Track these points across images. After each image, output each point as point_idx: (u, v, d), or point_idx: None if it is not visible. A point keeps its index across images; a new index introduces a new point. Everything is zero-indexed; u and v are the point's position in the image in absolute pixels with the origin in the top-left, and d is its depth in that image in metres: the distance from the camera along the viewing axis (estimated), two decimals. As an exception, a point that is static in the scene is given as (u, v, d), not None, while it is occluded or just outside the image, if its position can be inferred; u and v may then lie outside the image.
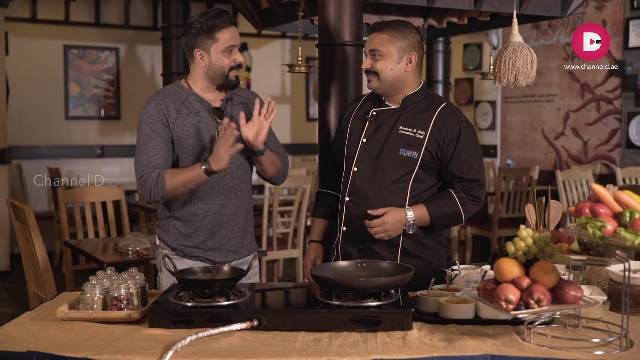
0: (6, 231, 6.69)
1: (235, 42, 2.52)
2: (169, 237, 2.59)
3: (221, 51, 2.50)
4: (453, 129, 2.53)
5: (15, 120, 7.61)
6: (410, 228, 2.49)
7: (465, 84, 8.90)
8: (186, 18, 5.56)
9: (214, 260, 2.56)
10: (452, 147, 2.52)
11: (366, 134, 2.61)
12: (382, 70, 2.53)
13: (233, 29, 2.52)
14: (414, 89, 2.60)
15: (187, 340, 1.83)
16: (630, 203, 1.82)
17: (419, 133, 2.53)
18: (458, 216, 2.53)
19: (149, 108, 2.52)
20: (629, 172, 6.55)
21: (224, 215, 2.56)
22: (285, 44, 9.11)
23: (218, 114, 2.54)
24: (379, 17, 4.56)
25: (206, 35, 2.49)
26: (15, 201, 3.47)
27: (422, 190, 2.55)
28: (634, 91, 6.99)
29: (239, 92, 2.66)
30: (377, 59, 2.54)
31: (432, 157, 2.53)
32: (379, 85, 2.56)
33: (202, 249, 2.57)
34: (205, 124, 2.53)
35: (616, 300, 2.14)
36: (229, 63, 2.51)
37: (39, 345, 1.85)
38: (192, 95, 2.56)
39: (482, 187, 2.55)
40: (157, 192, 2.42)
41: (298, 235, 5.55)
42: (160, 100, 2.54)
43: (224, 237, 2.58)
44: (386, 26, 2.56)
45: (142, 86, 8.28)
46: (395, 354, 1.78)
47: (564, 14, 4.29)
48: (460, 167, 2.52)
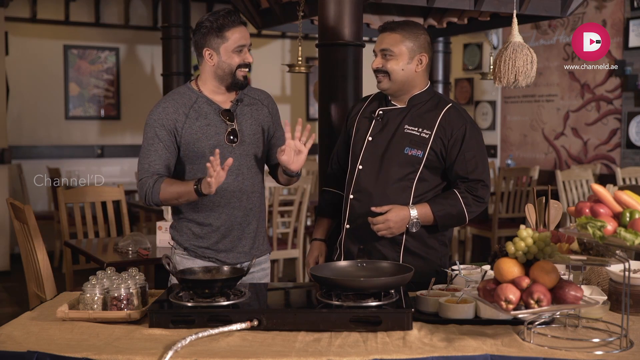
0: (6, 231, 6.69)
1: (245, 42, 2.51)
2: (182, 238, 2.59)
3: (231, 50, 2.49)
4: (459, 129, 2.53)
5: (15, 120, 7.61)
6: (414, 226, 2.49)
7: (465, 84, 8.90)
8: (186, 18, 5.56)
9: (226, 262, 2.55)
10: (457, 147, 2.52)
11: (372, 132, 2.62)
12: (393, 70, 2.53)
13: (243, 29, 2.51)
14: (421, 89, 2.61)
15: (187, 340, 1.83)
16: (630, 203, 1.82)
17: (424, 132, 2.54)
18: (461, 216, 2.53)
19: (156, 111, 2.52)
20: (629, 172, 6.55)
21: (235, 217, 2.55)
22: (285, 44, 9.11)
23: (228, 116, 2.53)
24: (379, 17, 4.56)
25: (215, 35, 2.48)
26: (15, 201, 3.47)
27: (426, 190, 2.56)
28: (634, 91, 6.99)
29: (249, 92, 2.65)
30: (388, 58, 2.54)
31: (437, 157, 2.53)
32: (389, 86, 2.57)
33: (214, 250, 2.56)
34: (214, 127, 2.51)
35: (616, 300, 2.14)
36: (238, 62, 2.50)
37: (39, 345, 1.85)
38: (201, 98, 2.55)
39: (487, 187, 2.55)
40: (151, 198, 2.47)
41: (298, 235, 5.55)
42: (169, 104, 2.53)
43: (235, 238, 2.57)
44: (397, 26, 2.56)
45: (142, 86, 8.28)
46: (395, 354, 1.78)
47: (564, 14, 4.29)
48: (465, 168, 2.53)
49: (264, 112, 2.62)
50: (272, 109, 2.67)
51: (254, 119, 2.58)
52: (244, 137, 2.54)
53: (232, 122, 2.52)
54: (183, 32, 5.53)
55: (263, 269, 2.67)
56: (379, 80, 2.57)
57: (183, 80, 5.54)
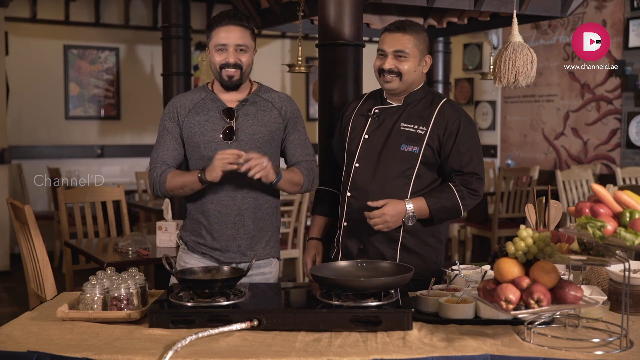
0: (6, 231, 6.69)
1: (224, 41, 2.52)
2: (185, 233, 2.67)
3: (213, 49, 2.55)
4: (453, 122, 2.55)
5: (15, 120, 7.61)
6: (410, 220, 2.51)
7: (465, 84, 8.90)
8: (186, 18, 5.56)
9: (220, 260, 2.56)
10: (451, 140, 2.54)
11: (368, 130, 2.64)
12: (407, 72, 2.56)
13: (229, 28, 2.52)
14: (418, 87, 2.64)
15: (187, 340, 1.83)
16: (630, 203, 1.82)
17: (420, 129, 2.56)
18: (457, 209, 2.55)
19: (167, 106, 2.66)
20: (629, 172, 6.55)
21: (228, 215, 2.55)
22: (285, 44, 9.11)
23: (228, 115, 2.56)
24: (379, 17, 4.56)
25: (208, 33, 2.58)
26: (15, 201, 3.47)
27: (424, 187, 2.57)
28: (634, 91, 6.99)
29: (265, 94, 2.64)
30: (402, 60, 2.55)
31: (433, 153, 2.55)
32: (398, 86, 2.58)
33: (209, 247, 2.59)
34: (211, 123, 2.55)
35: (616, 300, 2.14)
36: (219, 61, 2.54)
37: (39, 345, 1.85)
38: (210, 95, 2.62)
39: (481, 180, 2.57)
40: (159, 188, 2.57)
41: (298, 235, 5.55)
42: (178, 99, 2.65)
43: (229, 238, 2.56)
44: (407, 27, 2.57)
45: (142, 86, 8.28)
46: (395, 354, 1.78)
47: (564, 14, 4.29)
48: (459, 161, 2.54)
49: (272, 114, 2.60)
50: (287, 111, 2.63)
51: (257, 119, 2.58)
52: (242, 135, 2.54)
53: (230, 120, 2.54)
54: (183, 32, 5.53)
55: (262, 273, 2.61)
56: (388, 80, 2.57)
57: (183, 80, 5.53)
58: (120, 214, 4.49)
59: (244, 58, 2.54)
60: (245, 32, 2.54)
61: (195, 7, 8.02)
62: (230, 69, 2.53)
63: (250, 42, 2.56)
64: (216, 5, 8.50)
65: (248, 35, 2.55)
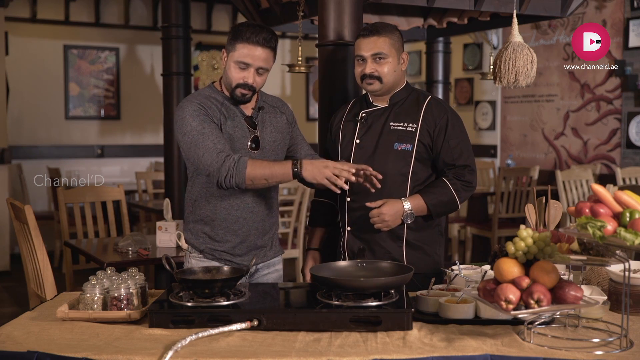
0: (6, 231, 6.69)
1: (249, 61, 2.42)
2: (198, 241, 2.57)
3: (233, 62, 2.45)
4: (441, 118, 2.61)
5: (15, 120, 7.61)
6: (408, 218, 2.57)
7: (465, 84, 8.90)
8: (186, 18, 5.55)
9: (243, 264, 2.53)
10: (441, 136, 2.60)
11: (358, 135, 2.68)
12: (388, 73, 2.60)
13: (257, 49, 2.42)
14: (401, 86, 2.69)
15: (187, 340, 1.83)
16: (630, 203, 1.82)
17: (410, 127, 2.61)
18: (453, 202, 2.61)
19: (191, 107, 2.44)
20: (629, 172, 6.55)
21: (254, 222, 2.55)
22: (285, 44, 9.11)
23: (251, 123, 2.52)
24: (379, 17, 4.56)
25: (231, 38, 2.46)
26: (15, 201, 3.47)
27: (421, 182, 2.63)
28: (634, 91, 6.98)
29: (266, 99, 2.63)
30: (381, 62, 2.59)
31: (425, 149, 2.61)
32: (380, 87, 2.63)
33: (230, 254, 2.55)
34: (240, 130, 2.50)
35: (616, 300, 2.14)
36: (238, 79, 2.45)
37: (39, 345, 1.85)
38: (227, 99, 2.52)
39: (473, 172, 2.64)
40: (234, 176, 2.33)
41: (298, 235, 5.55)
42: (202, 101, 2.47)
43: (251, 244, 2.57)
44: (381, 29, 2.61)
45: (142, 86, 8.28)
46: (395, 354, 1.78)
47: (564, 14, 4.29)
48: (450, 155, 2.60)
49: (282, 120, 2.63)
50: (290, 115, 2.69)
51: (273, 126, 2.59)
52: (265, 144, 2.54)
53: (254, 129, 2.52)
54: (183, 32, 5.52)
55: (277, 270, 2.69)
56: (370, 83, 2.62)
57: (183, 80, 5.51)
58: (120, 214, 4.50)
59: (260, 80, 2.49)
60: (270, 54, 2.47)
61: (195, 7, 8.02)
62: (246, 90, 2.47)
63: (271, 63, 2.49)
64: (216, 5, 8.50)
65: (272, 57, 2.48)
